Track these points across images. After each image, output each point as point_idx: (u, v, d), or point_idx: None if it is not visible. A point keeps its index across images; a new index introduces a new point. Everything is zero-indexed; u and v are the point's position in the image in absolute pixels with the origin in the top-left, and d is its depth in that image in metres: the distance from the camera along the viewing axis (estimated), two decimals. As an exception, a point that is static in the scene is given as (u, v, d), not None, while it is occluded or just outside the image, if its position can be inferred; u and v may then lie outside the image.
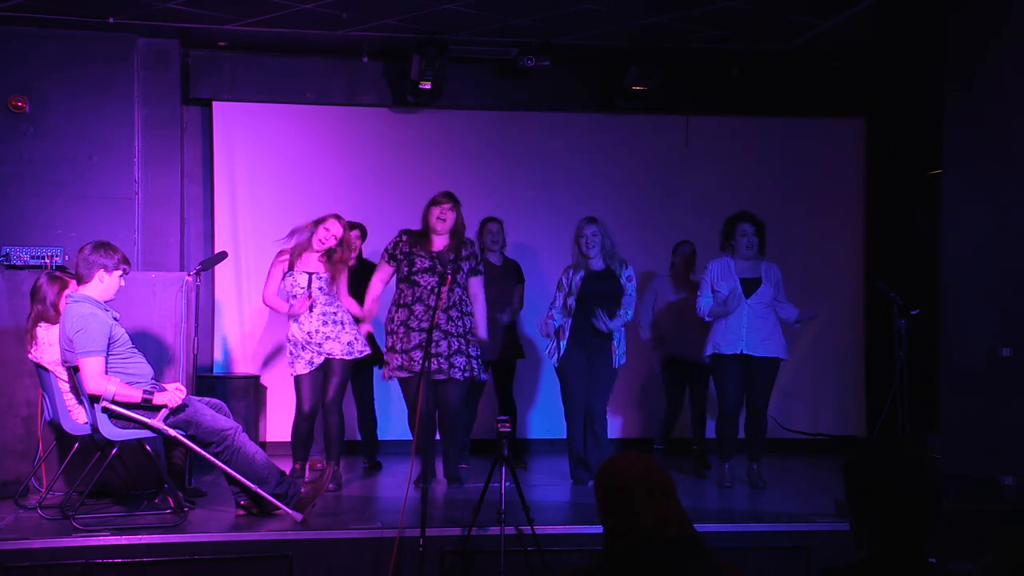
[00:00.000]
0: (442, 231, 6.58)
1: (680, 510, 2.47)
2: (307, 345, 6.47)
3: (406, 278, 6.56)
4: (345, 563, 5.17)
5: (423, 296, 6.49)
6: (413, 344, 6.45)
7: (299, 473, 6.53)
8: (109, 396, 5.29)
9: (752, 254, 6.75)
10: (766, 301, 6.69)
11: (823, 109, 8.89)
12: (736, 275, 6.70)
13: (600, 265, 6.73)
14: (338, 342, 6.47)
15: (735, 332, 6.64)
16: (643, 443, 8.42)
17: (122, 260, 5.49)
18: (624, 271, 6.75)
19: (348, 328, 6.53)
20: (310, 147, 8.54)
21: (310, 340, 6.47)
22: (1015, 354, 5.93)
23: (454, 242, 6.61)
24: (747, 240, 6.72)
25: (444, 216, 6.55)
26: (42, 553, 4.98)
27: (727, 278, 6.71)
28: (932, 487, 2.25)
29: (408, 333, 6.47)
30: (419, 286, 6.51)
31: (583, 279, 6.68)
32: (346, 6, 7.16)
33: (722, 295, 6.67)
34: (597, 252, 6.71)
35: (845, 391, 8.92)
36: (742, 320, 6.63)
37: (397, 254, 6.63)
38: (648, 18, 7.44)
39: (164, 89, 7.88)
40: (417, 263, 6.53)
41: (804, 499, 6.38)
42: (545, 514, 5.61)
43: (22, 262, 6.86)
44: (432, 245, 6.58)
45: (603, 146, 8.79)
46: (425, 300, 6.47)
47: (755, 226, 6.75)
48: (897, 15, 7.31)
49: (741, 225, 6.76)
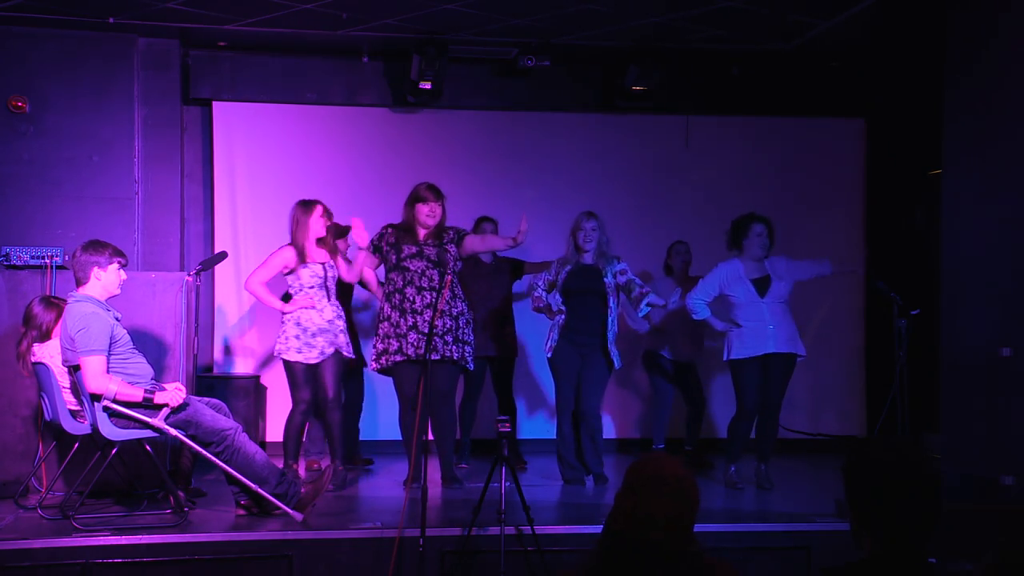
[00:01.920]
0: (430, 226, 6.58)
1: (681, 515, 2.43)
2: (323, 333, 6.46)
3: (396, 266, 6.54)
4: (345, 563, 5.16)
5: (413, 280, 6.47)
6: (408, 326, 6.41)
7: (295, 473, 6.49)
8: (110, 395, 5.29)
9: (763, 254, 6.72)
10: (783, 298, 6.68)
11: (823, 109, 8.89)
12: (746, 278, 6.68)
13: (590, 260, 6.74)
14: (344, 335, 6.55)
15: (760, 334, 6.61)
16: (644, 443, 8.42)
17: (113, 252, 5.50)
18: (614, 267, 6.72)
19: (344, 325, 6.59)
20: (310, 147, 8.54)
21: (328, 329, 6.48)
22: (1015, 354, 5.92)
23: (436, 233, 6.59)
24: (761, 241, 6.68)
25: (434, 213, 6.55)
26: (42, 553, 4.98)
27: (739, 282, 6.66)
28: (932, 487, 2.24)
29: (403, 316, 6.43)
30: (409, 271, 6.49)
31: (569, 272, 6.70)
32: (346, 6, 7.16)
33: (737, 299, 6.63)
34: (593, 247, 6.72)
35: (845, 391, 8.92)
36: (766, 321, 6.61)
37: (383, 245, 6.63)
38: (648, 18, 7.44)
39: (164, 89, 7.88)
40: (405, 250, 6.52)
41: (804, 499, 6.38)
42: (545, 514, 5.60)
43: (22, 262, 6.86)
44: (418, 237, 6.58)
45: (603, 146, 8.79)
46: (416, 283, 6.46)
47: (767, 227, 6.72)
48: (897, 15, 7.31)
49: (755, 226, 6.69)
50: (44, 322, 5.84)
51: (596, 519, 5.48)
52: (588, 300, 6.68)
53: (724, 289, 6.71)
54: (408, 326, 6.41)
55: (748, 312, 6.64)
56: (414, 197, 6.60)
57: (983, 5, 6.30)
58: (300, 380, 6.50)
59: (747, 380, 6.67)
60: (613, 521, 2.45)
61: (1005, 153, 6.09)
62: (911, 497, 2.22)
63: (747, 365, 6.64)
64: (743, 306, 6.66)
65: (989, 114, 6.20)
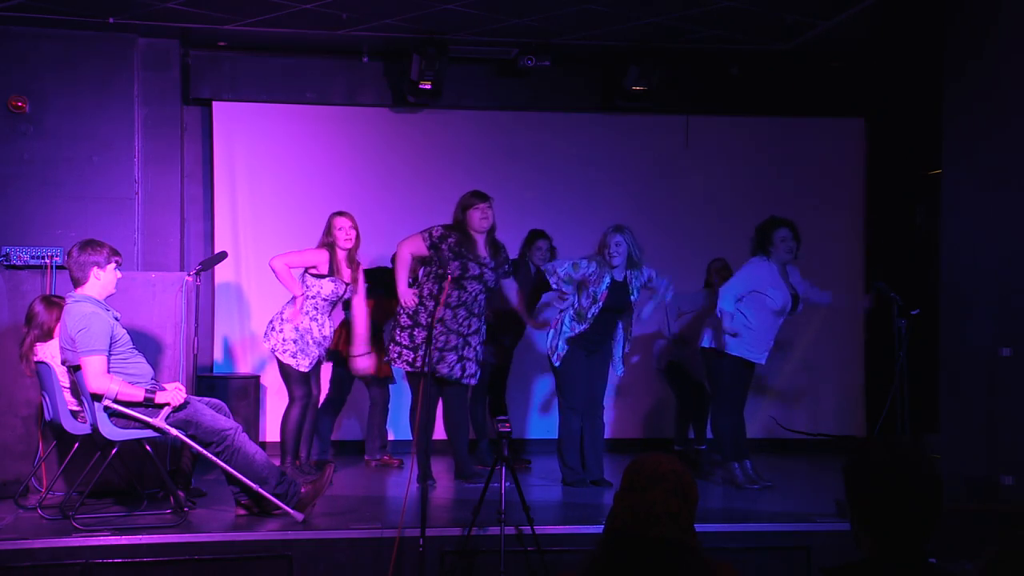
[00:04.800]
0: (484, 230, 6.62)
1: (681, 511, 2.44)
2: (317, 346, 6.80)
3: (458, 280, 6.51)
4: (345, 563, 5.16)
5: (467, 301, 6.52)
6: (451, 345, 6.48)
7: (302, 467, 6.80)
8: (111, 395, 5.29)
9: (791, 258, 6.65)
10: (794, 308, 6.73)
11: (823, 109, 8.89)
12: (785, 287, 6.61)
13: (620, 276, 6.67)
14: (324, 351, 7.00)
15: (765, 343, 6.66)
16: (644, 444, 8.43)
17: (111, 252, 5.51)
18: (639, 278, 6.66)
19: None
20: (310, 147, 8.54)
21: (321, 343, 6.84)
22: (1015, 354, 5.92)
23: (491, 247, 6.64)
24: (787, 245, 6.58)
25: (487, 215, 6.59)
26: (42, 553, 4.98)
27: (779, 289, 6.58)
28: (932, 487, 2.25)
29: (447, 335, 6.48)
30: (466, 291, 6.52)
31: (609, 288, 6.60)
32: (346, 6, 7.16)
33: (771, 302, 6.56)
34: (622, 262, 6.61)
35: (845, 391, 8.92)
36: (768, 333, 6.65)
37: (443, 248, 6.54)
38: (648, 18, 7.44)
39: (164, 89, 7.88)
40: (470, 269, 6.53)
41: (804, 499, 6.38)
42: (545, 514, 5.60)
43: (22, 262, 6.85)
44: (477, 247, 6.58)
45: (603, 146, 8.79)
46: (468, 305, 6.52)
47: (792, 230, 6.60)
48: (897, 15, 7.31)
49: (780, 231, 6.58)
50: (46, 321, 5.85)
51: (596, 519, 5.48)
52: (613, 318, 6.67)
53: (759, 287, 6.58)
54: (451, 347, 6.48)
55: (765, 320, 6.62)
56: (465, 205, 6.61)
57: (982, 4, 6.30)
58: (296, 379, 6.80)
59: (743, 380, 6.72)
60: (614, 520, 2.45)
61: (1005, 153, 6.08)
62: (911, 497, 2.22)
63: (743, 364, 6.68)
64: (766, 312, 6.60)
65: (988, 114, 6.19)
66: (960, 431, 6.21)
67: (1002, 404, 5.99)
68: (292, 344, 6.70)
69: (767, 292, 6.57)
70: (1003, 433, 5.98)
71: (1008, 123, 6.08)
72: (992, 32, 6.18)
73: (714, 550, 2.50)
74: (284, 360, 6.74)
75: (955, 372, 6.30)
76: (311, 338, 6.74)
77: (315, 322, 6.75)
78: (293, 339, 6.69)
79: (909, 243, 8.63)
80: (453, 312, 6.49)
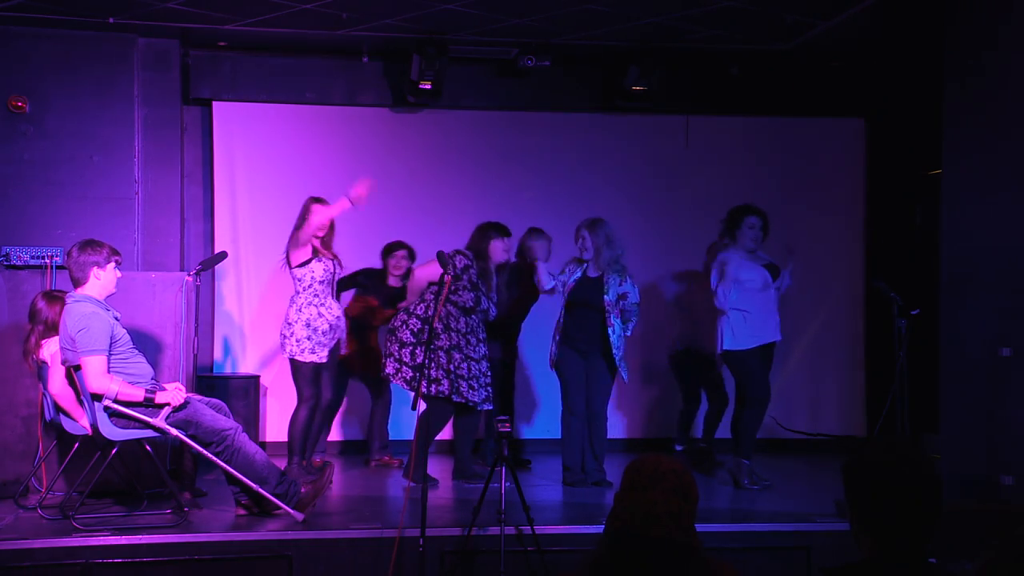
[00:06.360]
0: (501, 262, 6.74)
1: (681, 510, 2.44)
2: (333, 330, 6.75)
3: (467, 311, 6.56)
4: (345, 563, 5.17)
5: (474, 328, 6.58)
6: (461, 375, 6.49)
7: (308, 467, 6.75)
8: (112, 395, 5.30)
9: (755, 247, 6.72)
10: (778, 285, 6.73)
11: (823, 109, 8.89)
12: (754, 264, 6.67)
13: (594, 272, 6.69)
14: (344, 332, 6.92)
15: (760, 324, 6.65)
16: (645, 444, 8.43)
17: (111, 252, 5.51)
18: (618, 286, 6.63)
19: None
20: (310, 147, 8.54)
21: (337, 325, 6.78)
22: (1015, 354, 5.92)
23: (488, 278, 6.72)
24: (753, 233, 6.68)
25: (509, 248, 6.78)
26: (42, 553, 4.98)
27: (751, 268, 6.64)
28: (932, 487, 2.25)
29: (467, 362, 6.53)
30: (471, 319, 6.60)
31: (576, 281, 6.67)
32: (346, 6, 7.16)
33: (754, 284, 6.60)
34: (590, 257, 6.67)
35: (845, 391, 8.92)
36: (766, 310, 6.64)
37: (464, 278, 6.59)
38: (648, 18, 7.44)
39: (164, 89, 7.87)
40: (483, 302, 6.59)
41: (804, 499, 6.38)
42: (545, 514, 5.61)
43: (22, 262, 6.86)
44: (491, 280, 6.66)
45: (603, 146, 8.79)
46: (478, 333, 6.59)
47: (762, 219, 6.73)
48: (896, 15, 7.31)
49: (749, 218, 6.70)
50: (49, 316, 5.83)
51: (597, 519, 5.48)
52: (588, 313, 6.66)
53: (737, 274, 6.64)
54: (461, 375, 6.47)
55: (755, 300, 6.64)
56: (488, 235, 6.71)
57: (983, 5, 6.30)
58: (308, 379, 6.71)
59: (754, 366, 6.67)
60: (614, 519, 2.45)
61: (1005, 153, 6.08)
62: (911, 497, 2.22)
63: (749, 353, 6.66)
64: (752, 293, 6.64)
65: (989, 114, 6.19)
66: (960, 431, 6.21)
67: (1002, 404, 5.99)
68: (307, 341, 6.65)
69: (741, 276, 6.63)
70: (1003, 433, 5.98)
71: (1008, 123, 6.08)
72: (992, 32, 6.18)
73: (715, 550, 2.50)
74: (304, 359, 6.66)
75: (955, 372, 6.30)
76: (323, 327, 6.68)
77: (322, 307, 6.69)
78: (307, 336, 6.64)
79: (909, 243, 8.62)
80: (466, 340, 6.53)
